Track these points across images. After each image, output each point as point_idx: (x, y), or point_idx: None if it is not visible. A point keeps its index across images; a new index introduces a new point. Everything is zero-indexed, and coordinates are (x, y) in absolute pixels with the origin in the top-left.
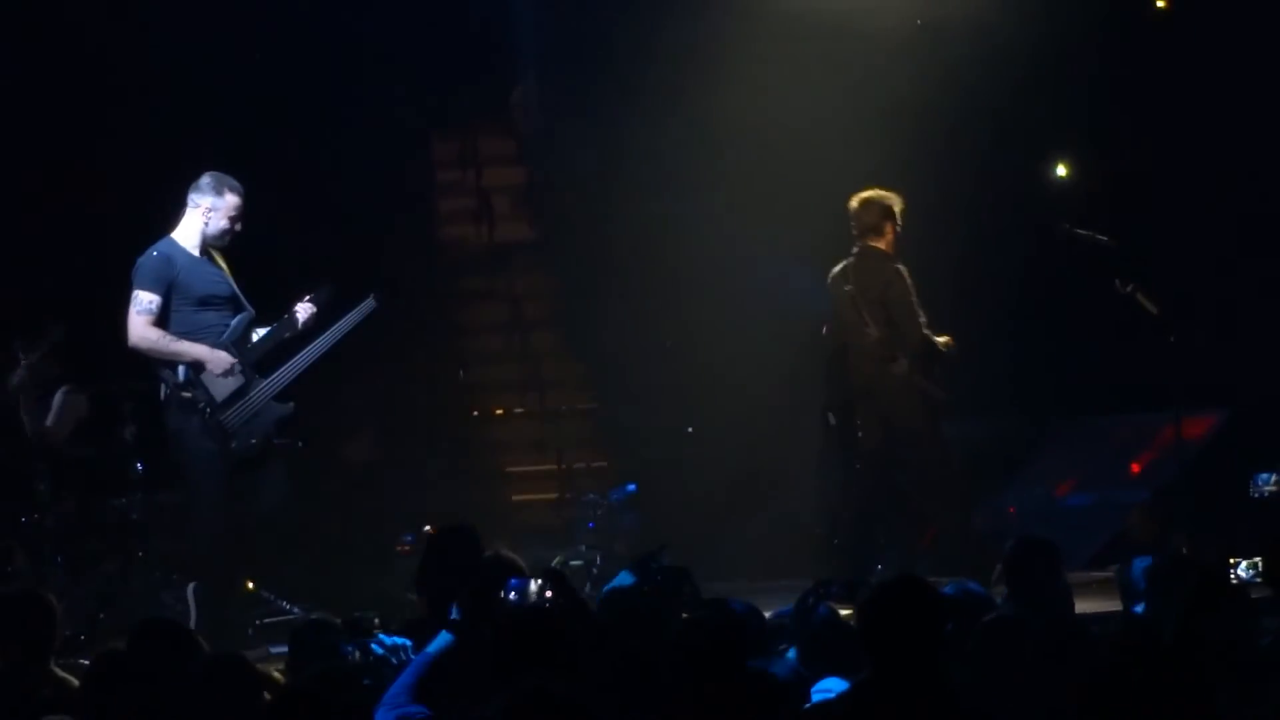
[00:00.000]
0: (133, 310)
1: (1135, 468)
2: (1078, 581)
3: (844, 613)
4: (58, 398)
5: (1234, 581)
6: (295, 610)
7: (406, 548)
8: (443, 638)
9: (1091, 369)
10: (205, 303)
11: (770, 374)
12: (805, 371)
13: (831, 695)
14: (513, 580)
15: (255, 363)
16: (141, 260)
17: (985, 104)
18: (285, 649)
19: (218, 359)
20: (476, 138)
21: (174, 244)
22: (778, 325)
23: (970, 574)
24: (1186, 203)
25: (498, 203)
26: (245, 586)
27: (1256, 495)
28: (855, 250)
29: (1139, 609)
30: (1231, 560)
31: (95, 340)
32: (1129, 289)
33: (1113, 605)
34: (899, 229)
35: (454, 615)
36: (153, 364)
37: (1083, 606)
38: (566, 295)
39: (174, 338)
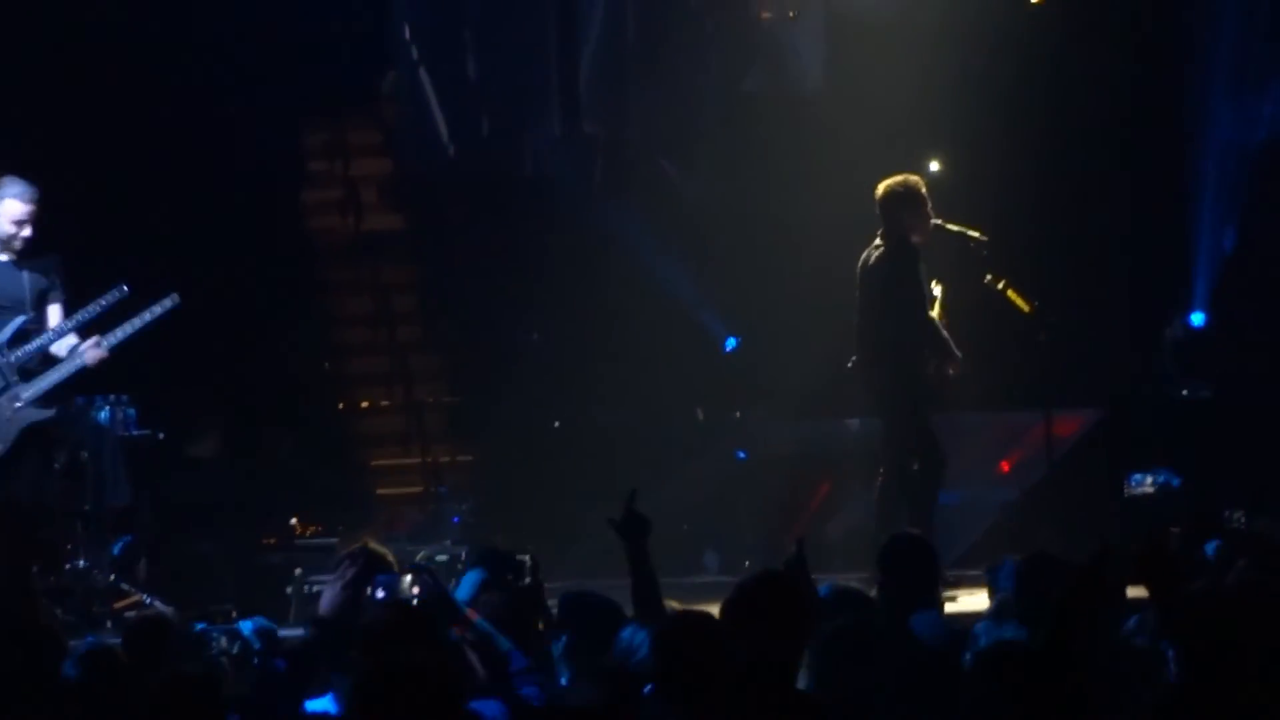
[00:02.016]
0: None
1: (1005, 466)
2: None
3: None
4: None
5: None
6: (151, 602)
7: (272, 540)
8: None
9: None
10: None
11: (640, 366)
12: (671, 362)
13: None
14: (380, 576)
15: (20, 368)
16: None
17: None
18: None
19: None
20: (345, 127)
21: None
22: (645, 311)
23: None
24: (1056, 201)
25: (365, 193)
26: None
27: (1130, 495)
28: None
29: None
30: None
31: None
32: (1000, 285)
33: (982, 605)
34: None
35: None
36: None
37: (952, 607)
38: (432, 287)
39: None
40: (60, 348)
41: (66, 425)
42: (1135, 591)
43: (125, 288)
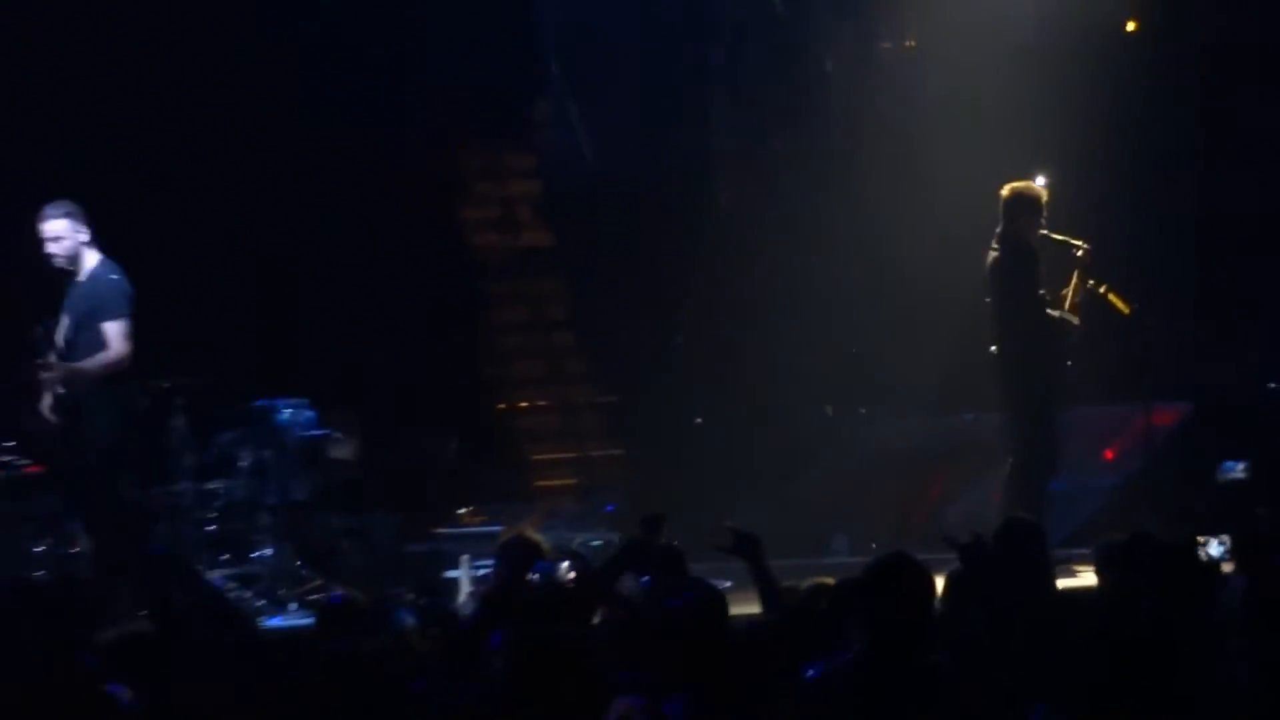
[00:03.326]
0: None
1: (1109, 454)
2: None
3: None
4: None
5: (1203, 559)
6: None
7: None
8: None
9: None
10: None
11: (774, 367)
12: (808, 366)
13: None
14: (540, 563)
15: None
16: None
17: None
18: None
19: None
20: (501, 152)
21: None
22: (786, 321)
23: None
24: (1153, 212)
25: (520, 211)
26: None
27: (1223, 480)
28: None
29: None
30: (1201, 539)
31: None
32: (1102, 289)
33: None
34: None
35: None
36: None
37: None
38: (582, 297)
39: None
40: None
41: (253, 426)
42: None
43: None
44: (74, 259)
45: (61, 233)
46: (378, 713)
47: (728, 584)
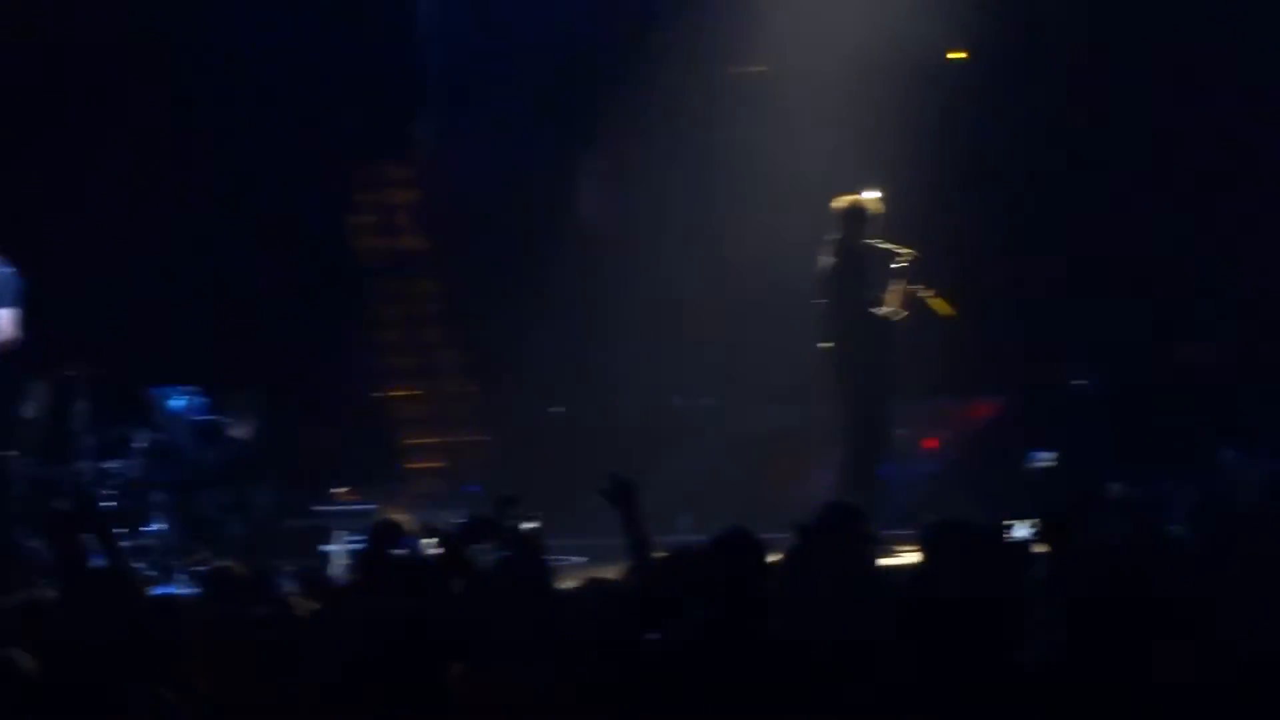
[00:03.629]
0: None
1: (931, 444)
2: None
3: None
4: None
5: (1010, 539)
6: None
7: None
8: None
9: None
10: None
11: (631, 359)
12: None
13: None
14: (405, 539)
15: None
16: None
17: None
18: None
19: None
20: (383, 163)
21: None
22: (639, 318)
23: None
24: (975, 221)
25: (398, 218)
26: None
27: (1032, 468)
28: None
29: None
30: (1008, 522)
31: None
32: (926, 294)
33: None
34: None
35: None
36: None
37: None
38: (453, 296)
39: None
40: None
41: (149, 411)
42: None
43: None
44: None
45: None
46: (261, 671)
47: (582, 559)
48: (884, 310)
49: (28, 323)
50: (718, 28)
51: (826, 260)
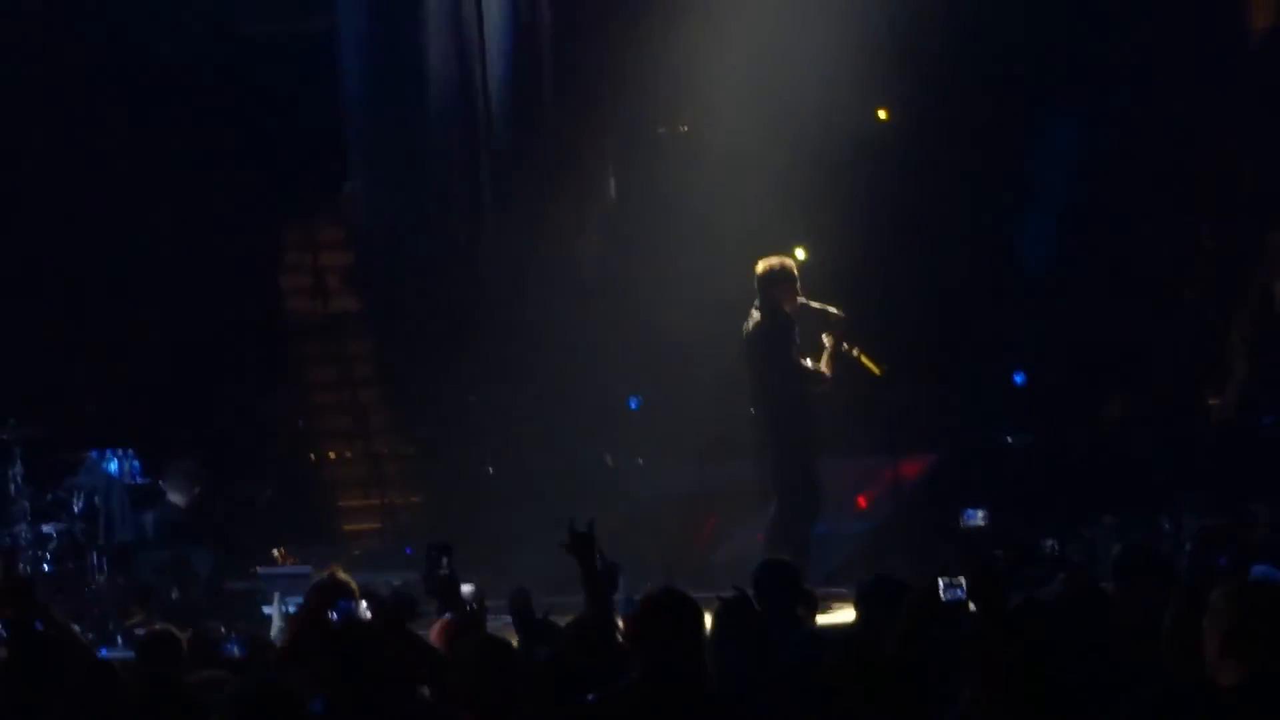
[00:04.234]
0: None
1: (862, 502)
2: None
3: None
4: None
5: (942, 598)
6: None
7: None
8: None
9: (827, 417)
10: None
11: (560, 421)
12: (587, 417)
13: None
14: (341, 602)
15: None
16: None
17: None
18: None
19: None
20: (315, 225)
21: None
22: (563, 373)
23: None
24: (901, 281)
25: (330, 280)
26: None
27: (964, 526)
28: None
29: None
30: (940, 580)
31: None
32: (855, 352)
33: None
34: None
35: None
36: None
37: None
38: (386, 357)
39: None
40: None
41: (85, 473)
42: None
43: None
44: None
45: None
46: None
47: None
48: (811, 364)
49: None
50: (645, 88)
51: (752, 322)
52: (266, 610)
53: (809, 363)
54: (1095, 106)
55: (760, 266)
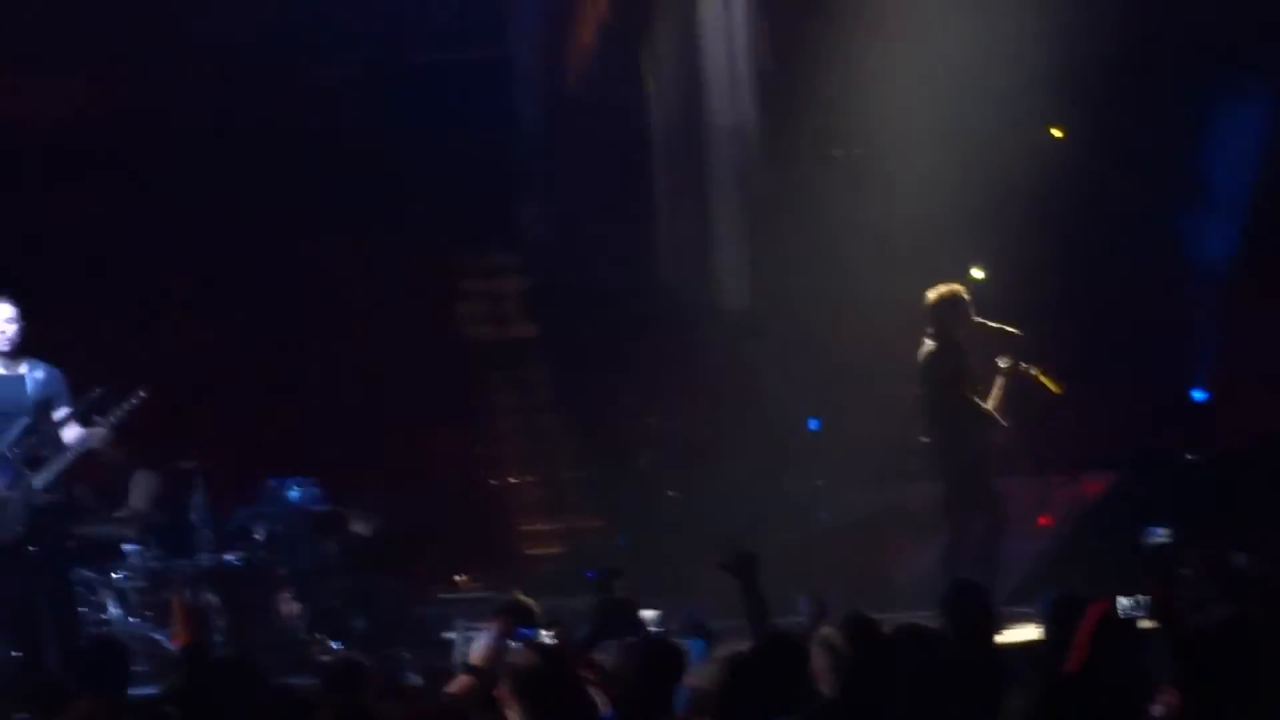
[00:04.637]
0: None
1: (1043, 521)
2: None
3: None
4: (135, 479)
5: (1122, 615)
6: (340, 648)
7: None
8: None
9: (1008, 437)
10: None
11: (739, 444)
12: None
13: None
14: (521, 629)
15: (29, 459)
16: None
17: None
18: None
19: None
20: (489, 252)
21: None
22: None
23: None
24: (1080, 299)
25: (506, 306)
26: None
27: (1147, 544)
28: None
29: None
30: (1121, 599)
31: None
32: (1034, 371)
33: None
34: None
35: None
36: None
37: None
38: (564, 382)
39: None
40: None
41: (266, 502)
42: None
43: (142, 393)
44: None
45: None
46: None
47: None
48: (985, 404)
49: (146, 416)
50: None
51: (924, 350)
52: (449, 636)
53: (980, 403)
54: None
55: (930, 295)
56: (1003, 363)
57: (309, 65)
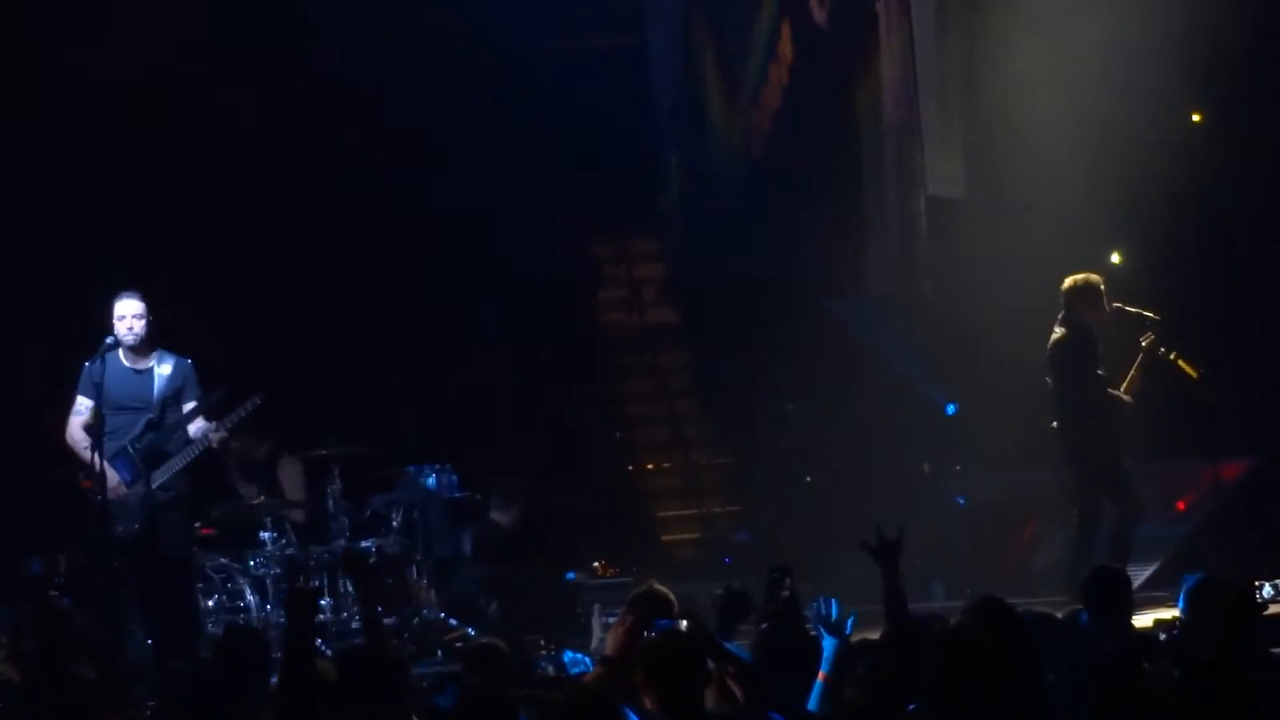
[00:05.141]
0: (71, 412)
1: (1181, 505)
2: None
3: None
4: (281, 468)
5: (1259, 599)
6: (475, 634)
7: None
8: None
9: (1146, 421)
10: (119, 407)
11: (879, 430)
12: (905, 427)
13: None
14: (660, 621)
15: (149, 455)
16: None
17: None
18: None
19: (109, 477)
20: (629, 239)
21: (112, 356)
22: (883, 386)
23: None
24: (1215, 283)
25: (645, 292)
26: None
27: None
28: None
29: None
30: (1257, 582)
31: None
32: (1172, 355)
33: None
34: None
35: None
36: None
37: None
38: (703, 368)
39: (86, 446)
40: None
41: (403, 489)
42: None
43: (258, 399)
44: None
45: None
46: None
47: None
48: (1114, 390)
49: (285, 405)
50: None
51: (1054, 336)
52: (587, 623)
53: (1110, 390)
54: None
55: (1066, 283)
56: (1144, 342)
57: (453, 55)
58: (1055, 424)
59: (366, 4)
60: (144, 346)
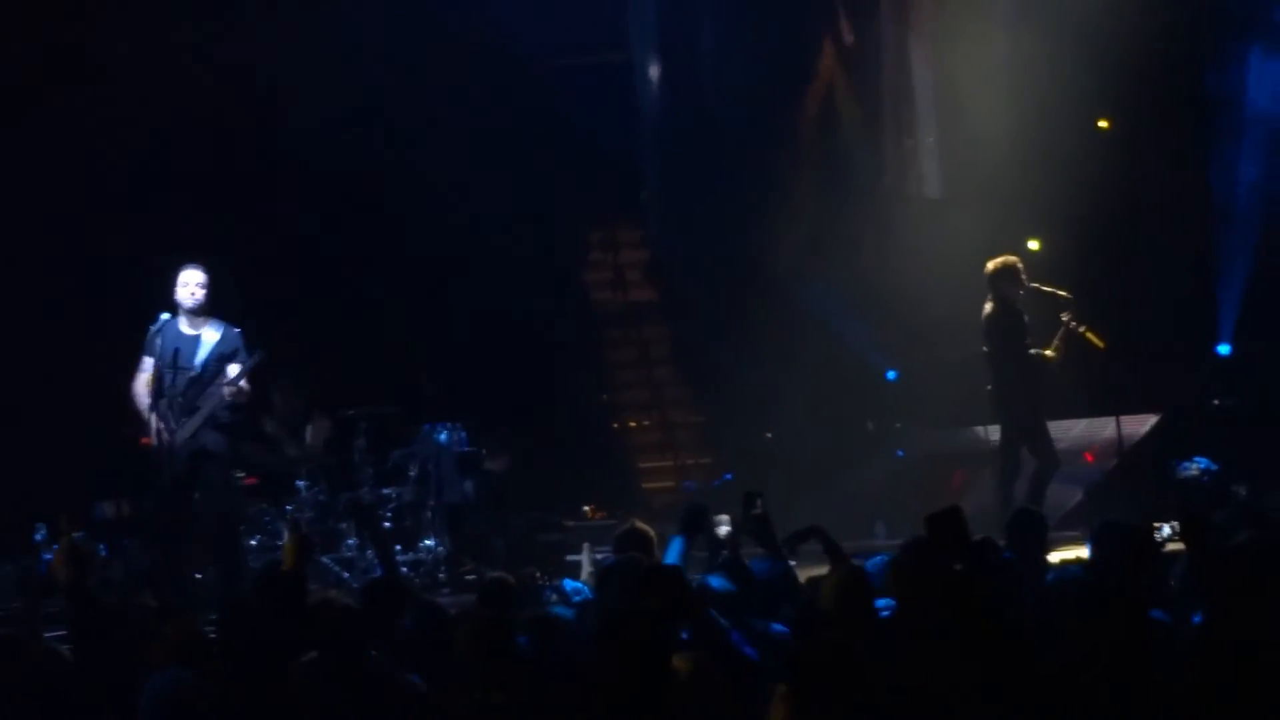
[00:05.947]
0: (137, 369)
1: (1089, 456)
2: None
3: None
4: (313, 423)
5: (1157, 539)
6: (481, 569)
7: (569, 522)
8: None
9: (1060, 385)
10: (173, 366)
11: (831, 393)
12: (851, 390)
13: None
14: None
15: (187, 409)
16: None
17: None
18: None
19: (163, 428)
20: (615, 227)
21: (173, 320)
22: (832, 353)
23: None
24: (1123, 265)
25: (629, 274)
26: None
27: (1179, 477)
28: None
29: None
30: (1155, 524)
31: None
32: (1082, 329)
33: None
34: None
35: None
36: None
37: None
38: (680, 340)
39: (147, 402)
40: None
41: (419, 443)
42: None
43: (261, 355)
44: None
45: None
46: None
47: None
48: (1036, 350)
49: (319, 370)
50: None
51: (985, 312)
52: (573, 558)
53: (1033, 351)
54: None
55: (989, 265)
56: (1064, 317)
57: (467, 71)
58: (989, 387)
59: (393, 21)
60: (202, 312)
